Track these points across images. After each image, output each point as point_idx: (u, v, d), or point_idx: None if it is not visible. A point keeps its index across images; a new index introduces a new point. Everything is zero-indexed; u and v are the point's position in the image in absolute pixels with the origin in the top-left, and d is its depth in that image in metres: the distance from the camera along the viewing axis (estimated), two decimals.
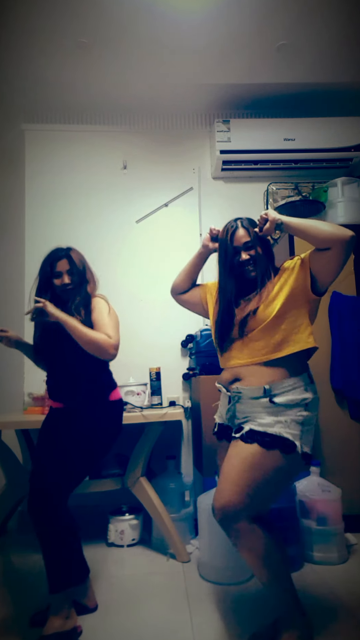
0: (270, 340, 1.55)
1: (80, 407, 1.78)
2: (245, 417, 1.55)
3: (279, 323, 1.55)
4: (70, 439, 1.73)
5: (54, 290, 1.87)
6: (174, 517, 2.40)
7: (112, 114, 3.32)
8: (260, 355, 1.56)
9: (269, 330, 1.55)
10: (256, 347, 1.57)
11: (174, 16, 2.43)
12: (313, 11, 2.44)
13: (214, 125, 3.09)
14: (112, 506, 2.61)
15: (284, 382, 1.52)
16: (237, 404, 1.58)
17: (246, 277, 1.65)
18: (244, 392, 1.56)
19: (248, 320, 1.58)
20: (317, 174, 3.26)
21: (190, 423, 3.01)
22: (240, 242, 1.65)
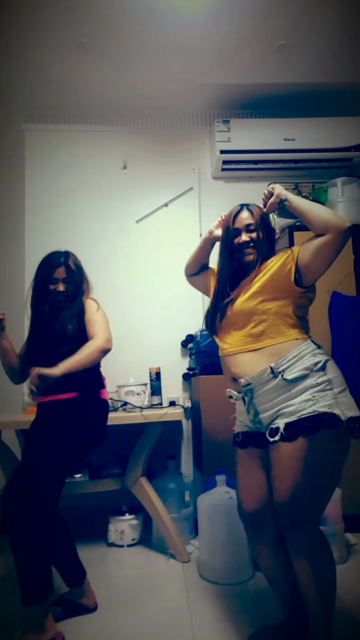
0: (250, 331, 1.49)
1: (75, 399, 1.77)
2: (271, 410, 1.43)
3: (258, 313, 1.48)
4: (63, 430, 1.72)
5: (49, 296, 1.88)
6: (174, 517, 2.40)
7: (112, 114, 3.31)
8: (239, 345, 1.51)
9: (247, 320, 1.50)
10: (236, 337, 1.52)
11: (173, 16, 2.43)
12: (313, 11, 2.43)
13: (214, 125, 3.09)
14: (112, 506, 2.61)
15: (287, 355, 1.42)
16: (253, 399, 1.47)
17: (244, 263, 1.60)
18: (252, 382, 1.45)
19: (227, 310, 1.56)
20: (317, 174, 3.26)
21: (190, 423, 3.01)
22: (242, 223, 1.62)
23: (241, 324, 1.52)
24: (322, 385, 1.38)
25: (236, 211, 1.65)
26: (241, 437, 1.57)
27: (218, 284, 1.66)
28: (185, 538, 2.42)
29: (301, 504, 1.32)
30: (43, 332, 1.87)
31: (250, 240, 1.60)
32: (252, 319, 1.50)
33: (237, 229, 1.62)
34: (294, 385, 1.39)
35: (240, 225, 1.62)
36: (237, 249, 1.61)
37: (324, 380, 1.39)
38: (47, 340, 1.84)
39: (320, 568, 1.35)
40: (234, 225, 1.63)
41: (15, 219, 3.18)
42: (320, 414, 1.34)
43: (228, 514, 2.06)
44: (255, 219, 1.62)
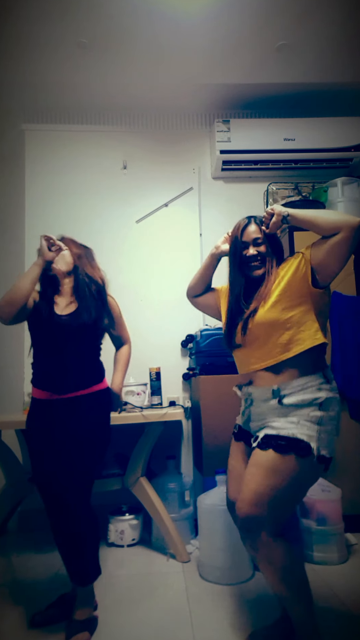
0: (276, 342, 1.50)
1: (92, 394, 1.81)
2: (260, 422, 1.53)
3: (281, 322, 1.50)
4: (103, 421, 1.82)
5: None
6: (174, 517, 2.40)
7: (112, 114, 3.32)
8: (268, 359, 1.52)
9: (272, 331, 1.51)
10: (263, 350, 1.53)
11: (174, 16, 2.43)
12: (313, 11, 2.44)
13: (214, 125, 3.09)
14: (112, 506, 2.61)
15: (294, 382, 1.47)
16: (251, 407, 1.57)
17: (252, 277, 1.61)
18: (254, 395, 1.55)
19: (249, 323, 1.55)
20: (317, 174, 3.26)
21: (190, 423, 3.01)
22: (250, 237, 1.62)
23: (266, 336, 1.52)
24: (312, 417, 1.43)
25: (244, 224, 1.65)
26: (237, 430, 1.68)
27: (231, 298, 1.66)
28: (185, 538, 2.42)
29: (256, 509, 1.38)
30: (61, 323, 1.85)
31: (258, 254, 1.61)
32: (277, 329, 1.51)
33: (245, 242, 1.63)
34: (287, 409, 1.46)
35: (248, 238, 1.62)
36: (245, 262, 1.62)
37: (316, 415, 1.44)
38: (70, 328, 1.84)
39: (281, 569, 1.38)
40: (241, 239, 1.63)
41: (15, 219, 3.18)
42: (297, 439, 1.40)
43: (228, 514, 2.05)
44: (262, 232, 1.62)
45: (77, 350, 1.79)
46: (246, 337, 1.57)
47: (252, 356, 1.57)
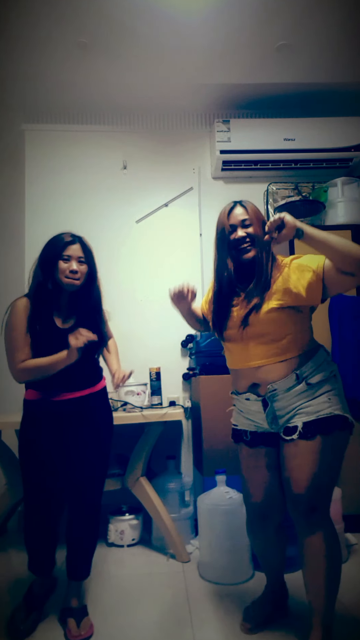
0: (279, 343, 1.51)
1: (100, 390, 1.86)
2: (289, 413, 1.51)
3: (285, 325, 1.51)
4: (109, 419, 1.89)
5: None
6: (174, 517, 2.40)
7: (112, 114, 3.31)
8: (270, 356, 1.52)
9: (279, 332, 1.51)
10: (267, 347, 1.52)
11: (174, 16, 2.43)
12: (313, 11, 2.43)
13: (214, 125, 3.09)
14: (112, 506, 2.60)
15: (309, 363, 1.50)
16: (274, 402, 1.52)
17: (242, 261, 1.57)
18: (278, 388, 1.51)
19: (250, 318, 1.52)
20: (317, 174, 3.26)
21: (190, 423, 3.01)
22: (237, 219, 1.58)
23: (269, 336, 1.52)
24: (334, 390, 1.51)
25: (229, 208, 1.61)
26: (250, 437, 1.63)
27: (218, 284, 1.62)
28: (185, 538, 2.42)
29: (319, 492, 1.45)
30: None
31: (247, 236, 1.57)
32: (280, 330, 1.52)
33: (232, 225, 1.59)
34: (314, 388, 1.49)
35: (235, 221, 1.58)
36: (235, 245, 1.58)
37: (336, 386, 1.52)
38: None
39: (331, 552, 1.45)
40: (228, 222, 1.59)
41: (15, 219, 3.18)
42: (336, 415, 1.46)
43: (228, 514, 2.06)
44: (249, 214, 1.58)
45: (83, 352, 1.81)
46: (247, 331, 1.54)
47: (256, 352, 1.54)
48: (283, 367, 1.50)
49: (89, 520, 1.78)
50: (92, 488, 1.78)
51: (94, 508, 1.79)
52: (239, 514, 2.06)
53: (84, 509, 1.77)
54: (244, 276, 1.59)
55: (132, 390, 2.56)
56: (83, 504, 1.77)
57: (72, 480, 1.75)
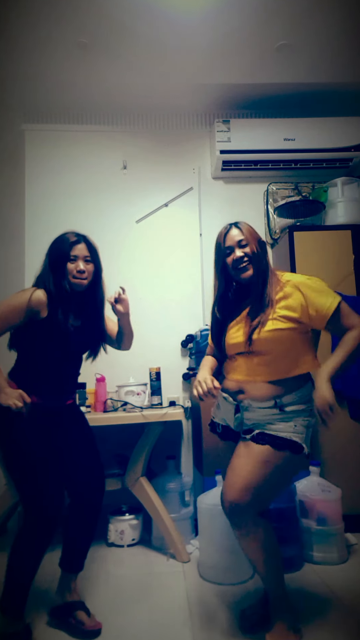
0: (280, 363, 1.56)
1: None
2: (254, 423, 1.59)
3: (288, 346, 1.56)
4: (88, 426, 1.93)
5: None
6: (174, 517, 2.40)
7: (112, 114, 3.31)
8: (267, 375, 1.57)
9: (278, 352, 1.55)
10: (264, 368, 1.57)
11: (174, 16, 2.43)
12: (313, 11, 2.43)
13: (214, 125, 3.09)
14: (112, 506, 2.60)
15: (293, 394, 1.56)
16: (245, 412, 1.61)
17: (242, 280, 1.63)
18: (253, 404, 1.59)
19: (253, 336, 1.55)
20: (317, 174, 3.26)
21: (190, 423, 3.01)
22: (233, 240, 1.63)
23: (270, 355, 1.56)
24: (305, 422, 1.57)
25: (225, 231, 1.66)
26: (221, 430, 1.73)
27: (219, 298, 1.69)
28: (185, 538, 2.42)
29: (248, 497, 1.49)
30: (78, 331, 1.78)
31: (245, 255, 1.61)
32: (281, 350, 1.55)
33: (229, 247, 1.63)
34: (287, 415, 1.55)
35: (232, 242, 1.63)
36: (233, 266, 1.63)
37: (307, 419, 1.57)
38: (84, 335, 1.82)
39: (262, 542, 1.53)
40: (225, 245, 1.64)
41: (15, 219, 3.18)
42: (292, 440, 1.53)
43: None
44: (245, 234, 1.63)
45: (80, 357, 1.88)
46: (251, 348, 1.58)
47: (249, 369, 1.60)
48: (268, 389, 1.56)
49: (91, 520, 1.81)
50: (94, 489, 1.81)
51: (97, 512, 1.83)
52: None
53: (84, 509, 1.79)
54: (245, 295, 1.66)
55: (132, 390, 2.56)
56: (83, 505, 1.79)
57: (75, 482, 1.78)
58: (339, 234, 2.78)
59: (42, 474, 1.64)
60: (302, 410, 1.56)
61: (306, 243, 2.76)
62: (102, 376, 2.70)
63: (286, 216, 3.04)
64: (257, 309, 1.57)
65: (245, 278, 1.61)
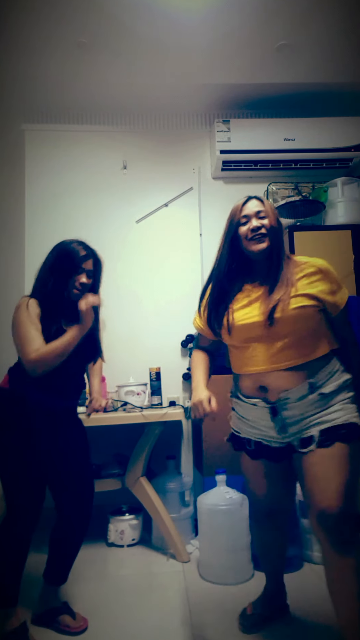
0: (304, 344, 1.41)
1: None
2: (302, 423, 1.41)
3: (313, 326, 1.42)
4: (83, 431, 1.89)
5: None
6: (174, 517, 2.40)
7: (112, 114, 3.31)
8: (293, 359, 1.41)
9: (303, 332, 1.41)
10: (290, 352, 1.41)
11: (174, 16, 2.42)
12: (313, 11, 2.43)
13: (214, 125, 3.09)
14: (112, 506, 2.60)
15: (324, 371, 1.41)
16: (284, 411, 1.42)
17: (253, 253, 1.46)
18: (290, 396, 1.40)
19: (275, 315, 1.38)
20: (317, 174, 3.26)
21: (190, 423, 3.01)
22: (252, 210, 1.47)
23: (292, 336, 1.41)
24: (348, 399, 1.41)
25: (244, 200, 1.51)
26: (254, 447, 1.54)
27: (223, 281, 1.51)
28: (185, 538, 2.42)
29: (348, 504, 1.31)
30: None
31: (262, 227, 1.46)
32: (303, 330, 1.41)
33: (246, 216, 1.48)
34: (327, 398, 1.40)
35: (250, 212, 1.48)
36: (248, 236, 1.47)
37: (350, 396, 1.42)
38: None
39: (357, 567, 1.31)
40: (242, 213, 1.49)
41: (15, 219, 3.18)
42: (352, 423, 1.37)
43: (228, 514, 2.06)
44: (265, 207, 1.49)
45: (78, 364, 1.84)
46: (271, 330, 1.40)
47: (280, 355, 1.41)
48: (299, 375, 1.40)
49: (83, 529, 1.77)
50: (83, 500, 1.76)
51: (88, 519, 1.78)
52: (239, 514, 2.06)
53: (81, 519, 1.76)
54: (253, 272, 1.50)
55: (132, 390, 2.56)
56: (83, 515, 1.76)
57: (67, 486, 1.73)
58: (339, 234, 2.79)
59: (24, 476, 1.64)
60: (339, 390, 1.40)
61: (306, 243, 2.76)
62: (102, 376, 2.70)
63: (286, 216, 3.03)
64: (274, 285, 1.42)
65: (259, 250, 1.45)
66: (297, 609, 1.75)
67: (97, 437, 2.77)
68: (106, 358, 1.96)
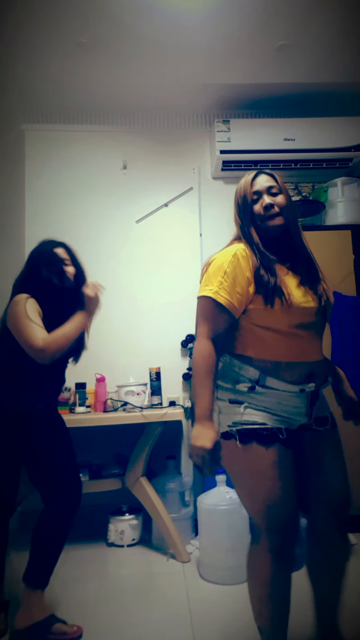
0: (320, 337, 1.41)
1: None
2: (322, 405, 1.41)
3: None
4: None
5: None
6: (174, 517, 2.40)
7: (112, 114, 3.31)
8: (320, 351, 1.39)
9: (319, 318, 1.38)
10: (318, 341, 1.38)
11: (174, 16, 2.42)
12: (313, 11, 2.43)
13: (214, 125, 3.09)
14: (112, 506, 2.61)
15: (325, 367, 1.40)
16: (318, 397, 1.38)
17: (267, 228, 1.36)
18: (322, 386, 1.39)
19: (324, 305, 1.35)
20: (317, 174, 3.25)
21: (190, 423, 3.01)
22: (263, 185, 1.37)
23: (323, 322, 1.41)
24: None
25: (253, 175, 1.40)
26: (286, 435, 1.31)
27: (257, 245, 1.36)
28: (185, 538, 2.42)
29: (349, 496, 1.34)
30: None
31: (274, 205, 1.36)
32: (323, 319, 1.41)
33: (257, 192, 1.37)
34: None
35: (261, 187, 1.37)
36: (260, 215, 1.36)
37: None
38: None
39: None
40: (253, 189, 1.37)
41: (15, 219, 3.18)
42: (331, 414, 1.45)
43: (228, 514, 2.06)
44: (278, 182, 1.39)
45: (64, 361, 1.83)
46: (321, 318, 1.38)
47: (319, 345, 1.37)
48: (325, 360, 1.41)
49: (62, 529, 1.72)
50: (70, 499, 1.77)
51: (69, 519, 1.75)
52: (239, 514, 2.06)
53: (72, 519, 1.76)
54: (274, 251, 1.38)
55: (132, 390, 2.56)
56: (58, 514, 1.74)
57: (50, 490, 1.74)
58: (339, 234, 2.79)
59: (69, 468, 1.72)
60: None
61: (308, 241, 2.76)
62: (102, 376, 2.71)
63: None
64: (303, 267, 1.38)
65: (273, 226, 1.36)
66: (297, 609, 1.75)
67: (97, 437, 2.78)
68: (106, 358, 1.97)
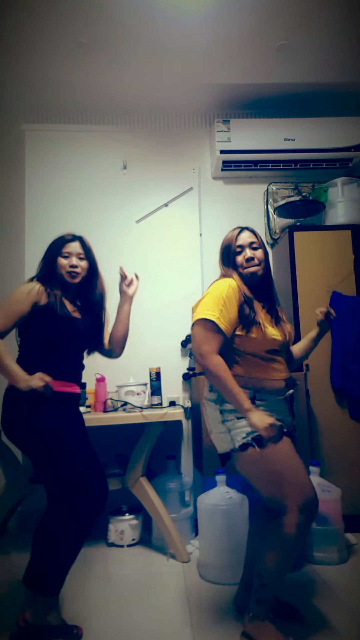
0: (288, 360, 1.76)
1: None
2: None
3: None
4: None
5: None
6: (174, 517, 2.40)
7: (112, 114, 3.31)
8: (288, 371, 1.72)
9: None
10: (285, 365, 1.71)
11: (174, 16, 2.43)
12: (313, 11, 2.43)
13: (214, 125, 3.09)
14: (112, 506, 2.60)
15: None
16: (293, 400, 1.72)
17: (251, 278, 1.69)
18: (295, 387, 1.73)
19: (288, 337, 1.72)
20: (317, 174, 3.26)
21: (190, 423, 3.01)
22: (246, 241, 1.70)
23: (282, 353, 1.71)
24: None
25: (237, 231, 1.72)
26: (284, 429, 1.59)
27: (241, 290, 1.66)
28: (185, 538, 2.42)
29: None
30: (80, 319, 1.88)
31: (254, 257, 1.68)
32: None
33: (240, 246, 1.70)
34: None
35: (244, 242, 1.70)
36: (243, 265, 1.69)
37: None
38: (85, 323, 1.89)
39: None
40: (236, 244, 1.70)
41: (15, 219, 3.18)
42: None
43: (228, 514, 2.06)
44: (258, 239, 1.72)
45: (82, 350, 1.92)
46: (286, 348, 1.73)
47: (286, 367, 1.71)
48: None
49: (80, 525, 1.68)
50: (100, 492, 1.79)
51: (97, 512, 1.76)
52: (239, 514, 2.06)
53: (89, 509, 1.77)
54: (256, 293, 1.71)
55: (132, 390, 2.56)
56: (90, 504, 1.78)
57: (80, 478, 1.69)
58: (339, 234, 2.79)
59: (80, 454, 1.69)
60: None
61: (306, 243, 2.76)
62: (102, 376, 2.70)
63: (286, 216, 3.04)
64: (274, 309, 1.72)
65: (255, 273, 1.68)
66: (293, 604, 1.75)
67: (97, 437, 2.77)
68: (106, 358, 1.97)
